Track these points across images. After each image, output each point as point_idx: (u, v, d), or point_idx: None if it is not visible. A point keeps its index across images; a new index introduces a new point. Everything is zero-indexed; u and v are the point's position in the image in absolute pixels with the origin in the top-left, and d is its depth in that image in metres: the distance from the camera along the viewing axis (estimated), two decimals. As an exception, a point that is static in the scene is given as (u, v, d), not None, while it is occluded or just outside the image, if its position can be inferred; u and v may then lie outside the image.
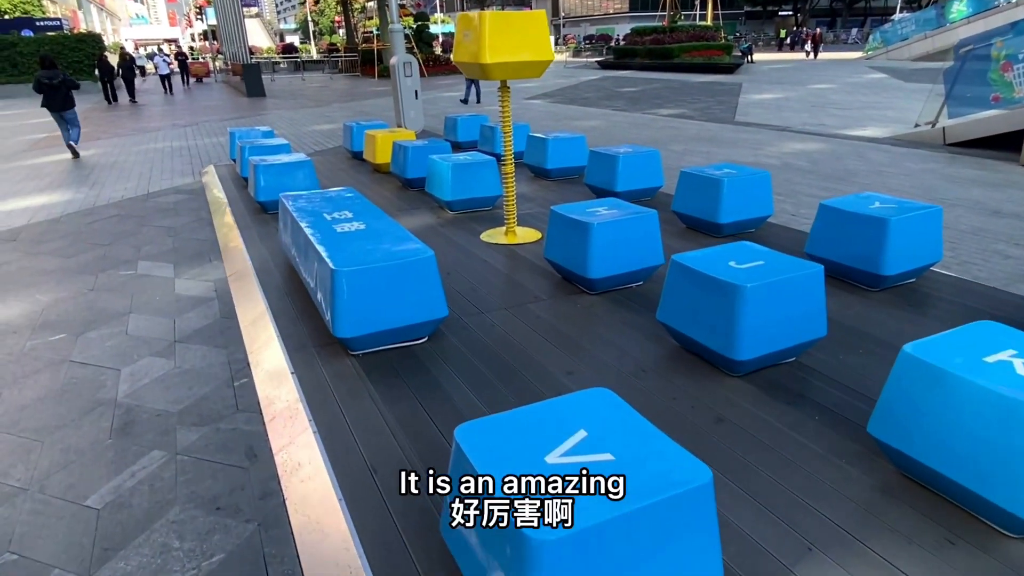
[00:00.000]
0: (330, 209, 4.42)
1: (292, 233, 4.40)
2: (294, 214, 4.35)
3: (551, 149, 7.57)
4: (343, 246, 3.59)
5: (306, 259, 3.96)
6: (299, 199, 4.77)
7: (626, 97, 19.78)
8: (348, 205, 4.55)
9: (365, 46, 36.51)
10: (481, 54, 4.69)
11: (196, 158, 10.58)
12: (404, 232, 3.83)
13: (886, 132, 11.43)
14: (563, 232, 4.29)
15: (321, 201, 4.69)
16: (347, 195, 4.88)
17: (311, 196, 4.86)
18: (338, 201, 4.68)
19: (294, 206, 4.56)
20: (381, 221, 4.09)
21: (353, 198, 4.76)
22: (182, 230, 6.34)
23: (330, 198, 4.78)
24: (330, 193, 4.94)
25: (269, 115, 17.14)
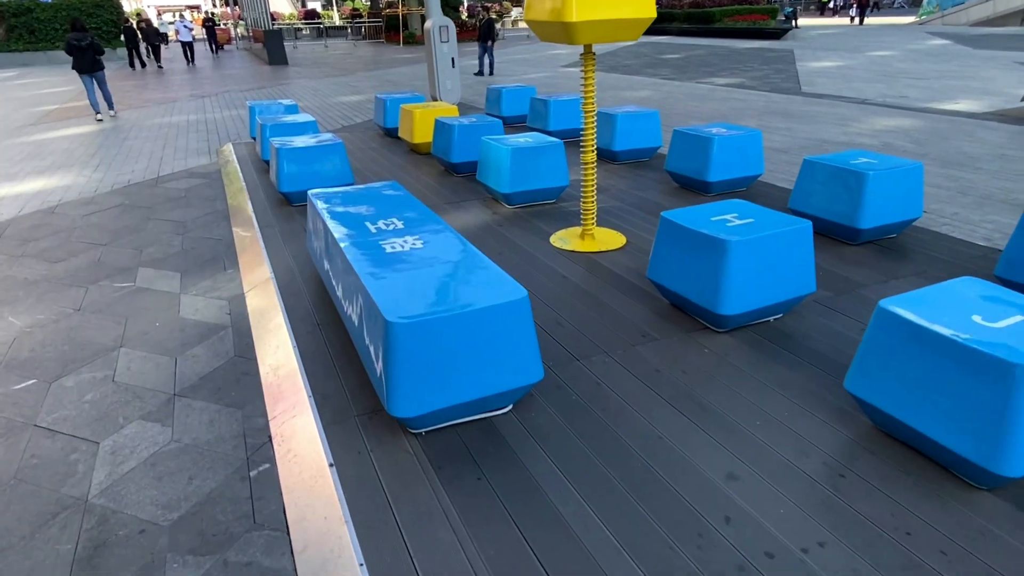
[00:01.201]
0: (373, 215, 3.43)
1: (325, 246, 3.42)
2: (327, 222, 3.35)
3: (620, 127, 6.46)
4: (396, 277, 2.59)
5: (345, 287, 2.98)
6: (332, 199, 3.78)
7: (671, 65, 18.37)
8: (395, 209, 3.54)
9: (389, 11, 35.11)
10: (565, 10, 3.61)
11: (214, 134, 9.61)
12: (477, 255, 2.82)
13: (982, 106, 10.07)
14: (680, 248, 3.24)
15: (360, 203, 3.69)
16: (392, 193, 3.87)
17: (347, 195, 3.85)
18: (381, 202, 3.68)
19: (327, 210, 3.56)
20: (442, 236, 3.08)
21: (401, 199, 3.75)
22: (193, 226, 5.40)
23: (371, 198, 3.77)
24: (370, 191, 3.93)
25: (292, 85, 16.09)
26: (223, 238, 5.05)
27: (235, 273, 4.34)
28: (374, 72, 18.91)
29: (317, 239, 3.67)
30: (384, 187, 4.01)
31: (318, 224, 3.58)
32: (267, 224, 5.05)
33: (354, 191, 3.94)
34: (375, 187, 4.03)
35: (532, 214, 5.14)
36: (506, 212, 5.22)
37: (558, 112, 7.66)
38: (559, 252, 4.36)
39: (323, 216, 3.46)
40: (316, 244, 3.73)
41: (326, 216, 3.44)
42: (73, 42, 10.57)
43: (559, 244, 4.48)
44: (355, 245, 2.99)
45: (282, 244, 4.61)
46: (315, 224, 3.69)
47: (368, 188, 4.01)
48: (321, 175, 5.40)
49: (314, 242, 3.79)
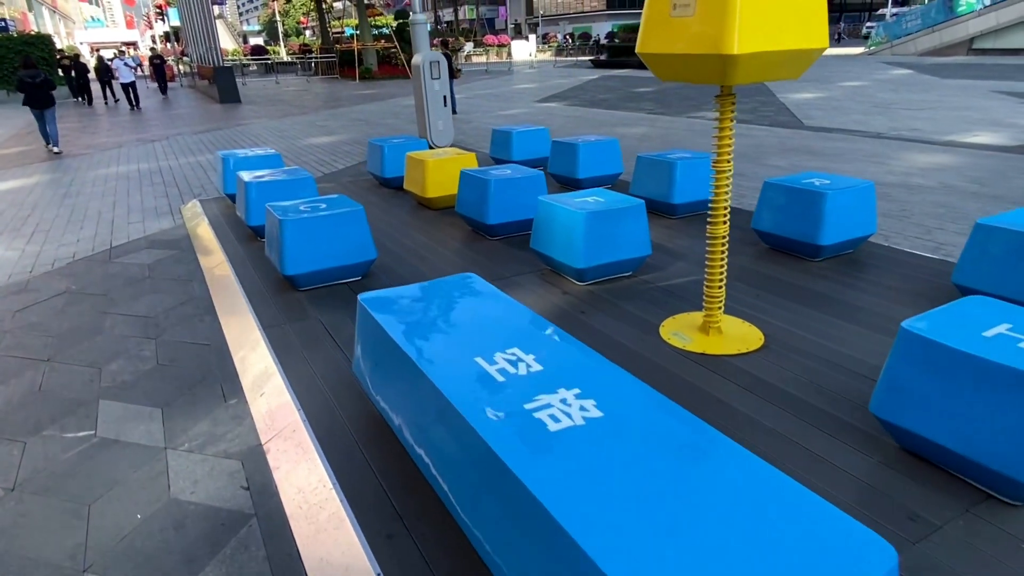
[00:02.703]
0: (482, 342, 2.27)
1: (413, 395, 2.24)
2: (416, 361, 2.18)
3: (679, 176, 5.47)
4: (604, 498, 1.45)
5: (481, 483, 1.80)
6: (401, 310, 2.60)
7: (649, 98, 17.80)
8: (506, 327, 2.40)
9: (344, 47, 34.06)
10: (724, 39, 2.58)
11: (172, 187, 8.24)
12: (728, 444, 1.68)
13: (1004, 139, 9.57)
14: (960, 386, 2.19)
15: (445, 315, 2.53)
16: (483, 297, 2.72)
17: (419, 302, 2.69)
18: (478, 314, 2.52)
19: (403, 334, 2.39)
20: (625, 388, 1.94)
21: (505, 307, 2.59)
22: (167, 323, 4.10)
23: (458, 306, 2.61)
24: (449, 292, 2.77)
25: (251, 125, 14.74)
26: (211, 342, 3.77)
27: (241, 406, 3.08)
28: (338, 110, 17.72)
29: (385, 373, 2.47)
30: (464, 284, 2.85)
31: (389, 354, 2.40)
32: (271, 321, 3.80)
33: (424, 293, 2.76)
34: (450, 283, 2.86)
35: (613, 293, 4.05)
36: (578, 291, 4.11)
37: (589, 158, 6.66)
38: (680, 354, 3.27)
39: (403, 348, 2.27)
40: (380, 378, 2.53)
41: (408, 349, 2.26)
42: (27, 79, 11.05)
43: (677, 342, 3.39)
44: (485, 413, 1.82)
45: (301, 353, 3.38)
46: (380, 350, 2.50)
47: (442, 285, 2.84)
48: (336, 250, 4.20)
49: (374, 373, 2.59)
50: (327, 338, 3.56)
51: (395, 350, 2.32)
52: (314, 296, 4.17)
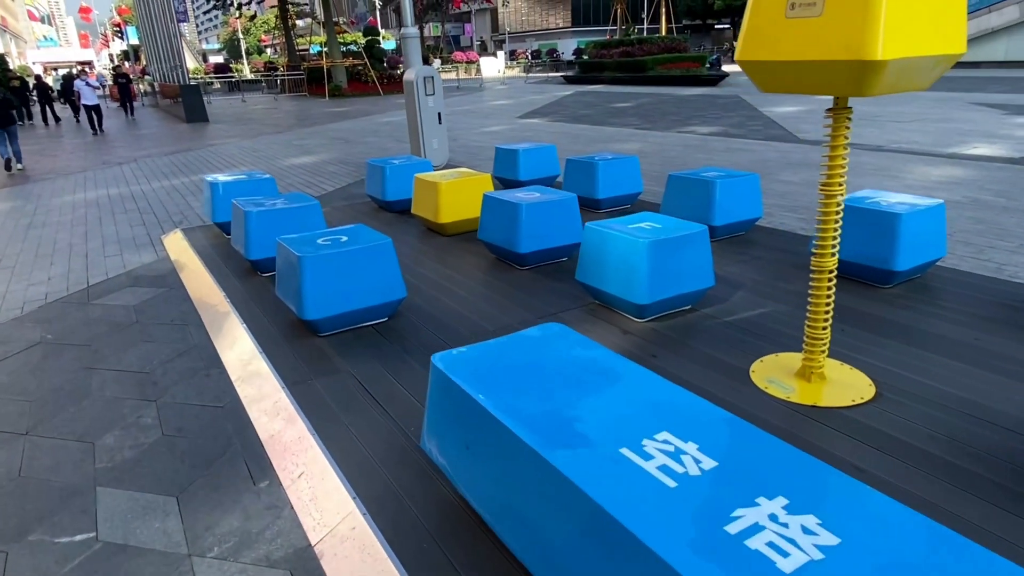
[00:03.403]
0: (619, 423, 1.79)
1: (529, 488, 1.74)
2: (543, 453, 1.68)
3: (720, 196, 5.08)
4: None
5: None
6: (482, 371, 2.11)
7: (631, 113, 17.61)
8: (637, 398, 1.92)
9: (312, 64, 33.40)
10: (866, 43, 2.17)
11: (148, 214, 7.57)
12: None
13: (1006, 151, 9.49)
14: None
15: (554, 385, 2.03)
16: (587, 356, 2.23)
17: (502, 360, 2.19)
18: (592, 379, 2.04)
19: (500, 407, 1.89)
20: (846, 500, 1.47)
21: (620, 369, 2.11)
22: (167, 380, 3.51)
23: (564, 369, 2.12)
24: (545, 348, 2.28)
25: (225, 145, 14.03)
26: (224, 403, 3.20)
27: (275, 490, 2.53)
28: (312, 128, 17.10)
29: (487, 461, 1.95)
30: (553, 337, 2.36)
31: (492, 437, 1.89)
32: (295, 376, 3.25)
33: (511, 351, 2.26)
34: (536, 337, 2.37)
35: (679, 331, 3.60)
36: (640, 329, 3.66)
37: (608, 177, 6.25)
38: (786, 407, 2.82)
39: (517, 433, 1.77)
40: (476, 466, 2.02)
41: (526, 435, 1.76)
42: None
43: (778, 391, 2.94)
44: (678, 542, 1.34)
45: (339, 418, 2.84)
46: (476, 430, 1.98)
47: (527, 340, 2.35)
48: (363, 290, 3.67)
49: (464, 458, 2.08)
50: (365, 397, 3.03)
51: (502, 434, 1.82)
52: (338, 343, 3.63)
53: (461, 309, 4.09)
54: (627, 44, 33.74)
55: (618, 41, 35.41)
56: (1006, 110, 14.58)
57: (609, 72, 32.08)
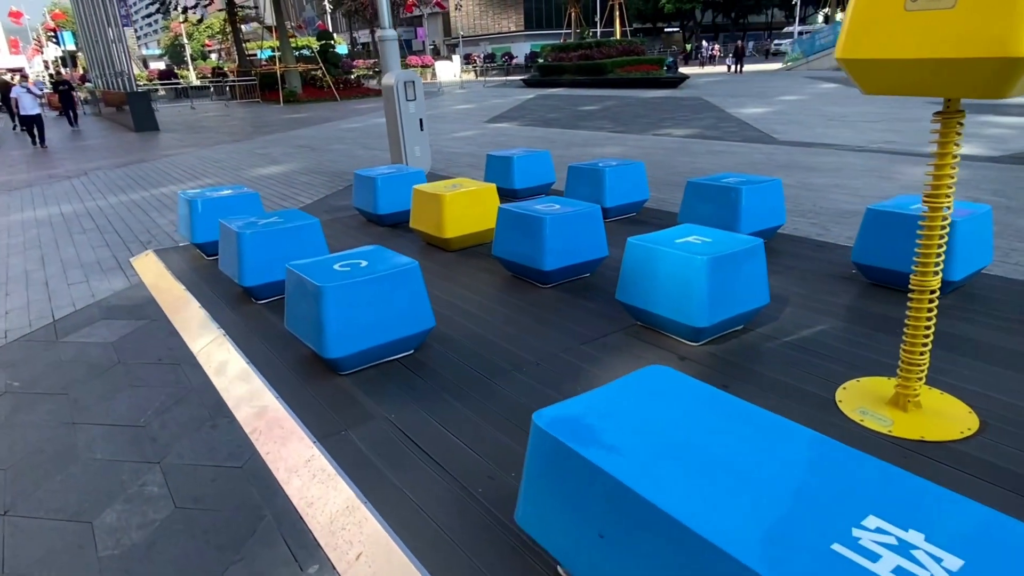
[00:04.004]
0: (806, 507, 1.44)
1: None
2: (733, 553, 1.32)
3: (746, 204, 4.83)
4: None
5: None
6: (602, 435, 1.75)
7: (599, 116, 17.46)
8: (811, 467, 1.58)
9: (264, 69, 32.37)
10: (1014, 37, 1.90)
11: (109, 232, 6.93)
12: None
13: (986, 150, 9.60)
14: None
15: (694, 443, 1.68)
16: (705, 402, 1.90)
17: (619, 418, 1.84)
18: (736, 440, 1.70)
19: (647, 486, 1.53)
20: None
21: (770, 426, 1.78)
22: (167, 435, 3.03)
23: (694, 425, 1.78)
24: (658, 400, 1.93)
25: (183, 156, 13.26)
26: (245, 462, 2.75)
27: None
28: (273, 136, 16.39)
29: (638, 557, 1.58)
30: (664, 384, 2.01)
31: (643, 528, 1.52)
32: (324, 426, 2.82)
33: (623, 406, 1.90)
34: (644, 385, 2.02)
35: (740, 355, 3.31)
36: (697, 354, 3.34)
37: (616, 184, 5.95)
38: (890, 442, 2.54)
39: (689, 526, 1.41)
40: (618, 559, 1.65)
41: (700, 528, 1.40)
42: None
43: (875, 424, 2.66)
44: None
45: (389, 478, 2.44)
46: (616, 515, 1.61)
47: (636, 390, 1.99)
48: (390, 321, 3.25)
49: (598, 548, 1.70)
50: (413, 448, 2.62)
51: (662, 525, 1.46)
52: (363, 382, 3.20)
53: (489, 335, 3.71)
54: (586, 47, 33.77)
55: (576, 44, 35.43)
56: (967, 109, 14.90)
57: (569, 75, 32.03)
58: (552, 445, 1.78)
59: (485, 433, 2.71)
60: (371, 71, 42.47)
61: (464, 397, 3.02)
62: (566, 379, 3.15)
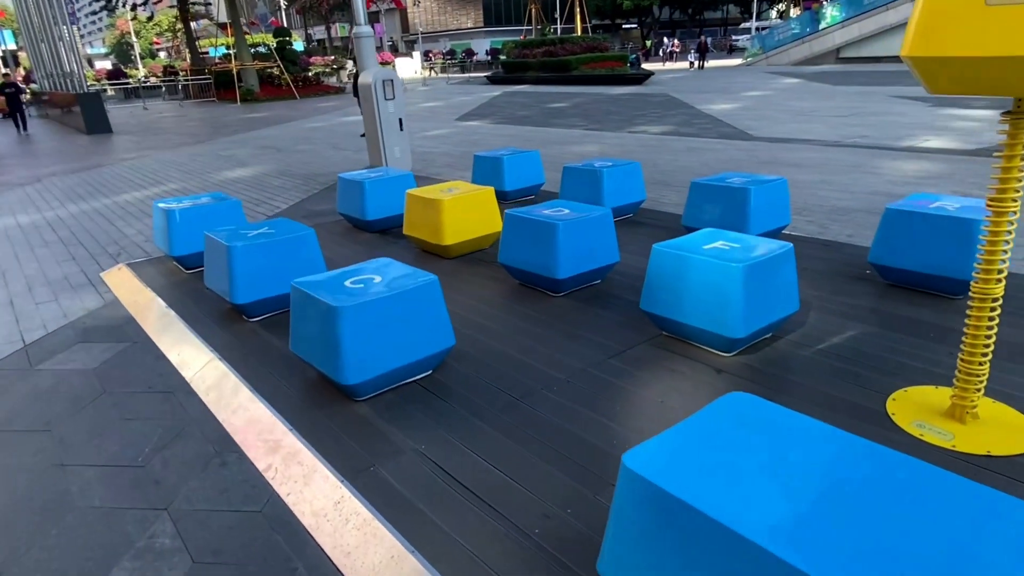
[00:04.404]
0: (958, 562, 1.28)
1: None
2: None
3: (754, 204, 4.72)
4: None
5: None
6: (705, 478, 1.56)
7: (570, 114, 17.35)
8: (939, 508, 1.42)
9: (219, 67, 31.39)
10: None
11: (74, 245, 6.49)
12: None
13: (957, 144, 9.77)
14: None
15: (810, 484, 1.51)
16: (800, 433, 1.73)
17: (714, 456, 1.66)
18: (854, 478, 1.54)
19: (779, 544, 1.35)
20: None
21: (882, 460, 1.61)
22: (171, 473, 2.75)
23: (806, 461, 1.61)
24: (751, 432, 1.75)
25: (141, 159, 12.65)
26: (264, 505, 2.49)
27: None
28: (235, 137, 15.83)
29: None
30: (749, 413, 1.84)
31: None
32: (351, 462, 2.58)
33: (716, 442, 1.73)
34: (730, 415, 1.84)
35: (777, 365, 3.18)
36: (733, 366, 3.20)
37: (613, 186, 5.80)
38: (957, 458, 2.43)
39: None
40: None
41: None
42: None
43: (935, 438, 2.55)
44: None
45: (441, 527, 2.22)
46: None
47: (723, 421, 1.81)
48: (410, 342, 3.02)
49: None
50: (454, 485, 2.40)
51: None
52: (384, 408, 2.96)
53: (508, 349, 3.50)
54: (549, 44, 33.67)
55: (540, 41, 35.31)
56: (928, 102, 15.27)
57: (533, 72, 31.88)
58: (649, 492, 1.59)
59: (529, 463, 2.51)
60: (329, 68, 41.64)
61: (496, 422, 2.82)
62: (601, 397, 2.97)
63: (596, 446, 2.61)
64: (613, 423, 2.76)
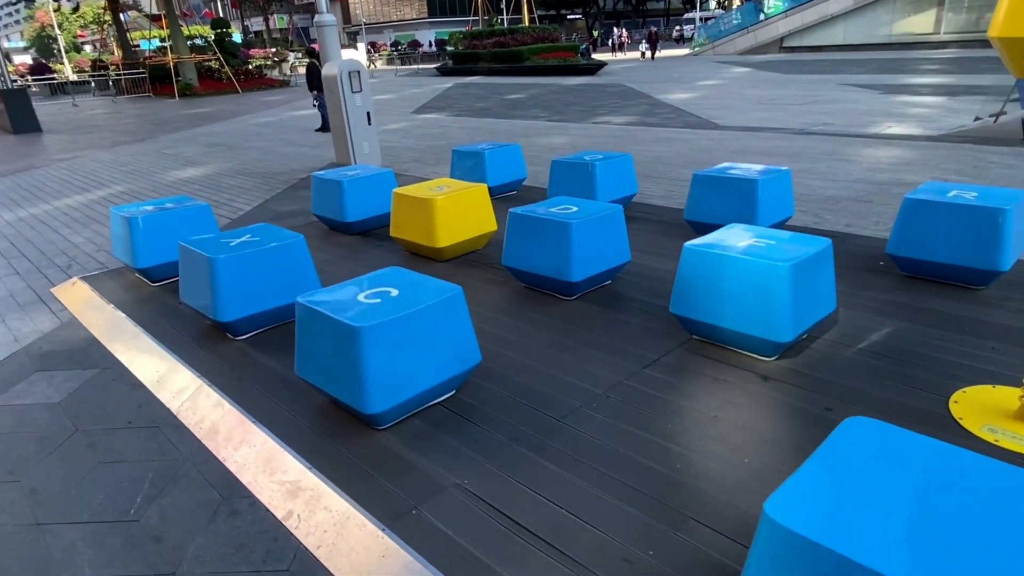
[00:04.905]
0: None
1: None
2: None
3: (762, 197, 4.56)
4: None
5: None
6: (890, 541, 1.33)
7: (530, 105, 17.10)
8: None
9: (154, 61, 29.84)
10: None
11: (16, 257, 5.87)
12: None
13: (919, 130, 9.94)
14: None
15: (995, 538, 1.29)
16: (948, 466, 1.52)
17: (883, 505, 1.43)
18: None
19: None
20: None
21: None
22: (174, 529, 2.38)
23: (957, 506, 1.39)
24: (894, 469, 1.53)
25: (78, 159, 11.77)
26: (291, 563, 2.15)
27: None
28: (180, 134, 14.97)
29: None
30: (881, 442, 1.62)
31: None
32: (390, 504, 2.27)
33: (855, 470, 1.50)
34: (862, 445, 1.62)
35: (821, 369, 3.00)
36: (777, 371, 3.01)
37: (606, 179, 5.57)
38: (1038, 465, 2.29)
39: None
40: None
41: None
42: None
43: (1010, 444, 2.41)
44: None
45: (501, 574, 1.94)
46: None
47: (857, 451, 1.59)
48: (434, 362, 2.72)
49: None
50: (511, 527, 2.12)
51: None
52: (410, 437, 2.65)
53: (532, 362, 3.23)
54: (499, 34, 33.27)
55: (489, 31, 34.86)
56: (878, 90, 15.63)
57: (484, 63, 31.46)
58: (805, 549, 1.35)
59: (589, 495, 2.25)
60: (271, 60, 40.20)
61: (540, 447, 2.54)
62: (647, 414, 2.73)
63: (659, 471, 2.36)
64: (670, 443, 2.53)
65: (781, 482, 2.25)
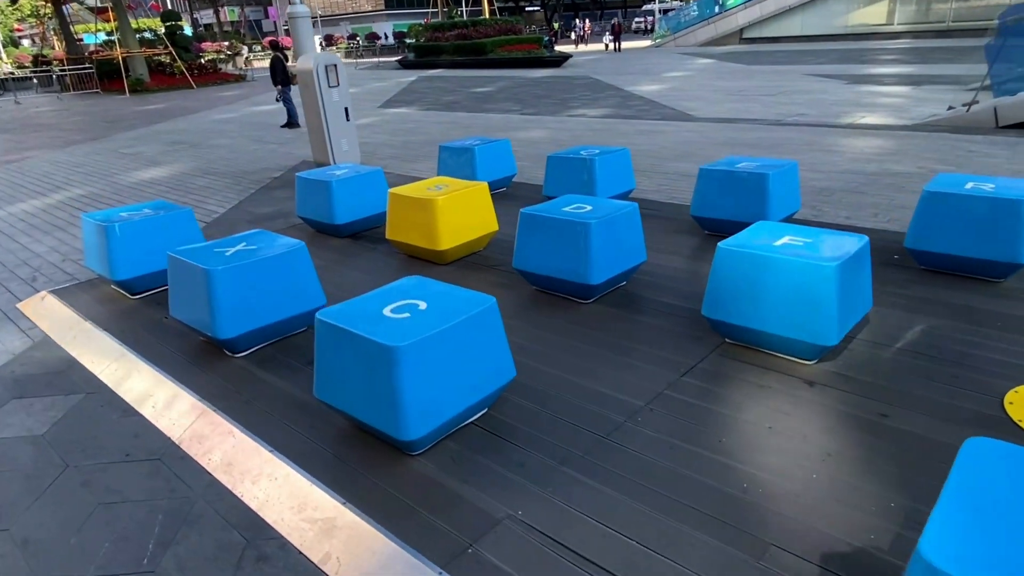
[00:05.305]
0: None
1: None
2: None
3: (773, 191, 4.45)
4: None
5: None
6: None
7: (500, 98, 16.86)
8: None
9: (102, 55, 28.55)
10: None
11: (-29, 269, 5.42)
12: None
13: (895, 120, 10.07)
14: None
15: None
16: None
17: None
18: None
19: None
20: None
21: None
22: (196, 573, 2.12)
23: None
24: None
25: (28, 160, 11.10)
26: (332, 612, 1.93)
27: None
28: (136, 132, 14.30)
29: None
30: (1006, 466, 1.49)
31: None
32: (444, 544, 2.07)
33: (998, 505, 1.36)
34: (997, 475, 1.48)
35: (866, 372, 2.90)
36: (824, 377, 2.89)
37: (605, 175, 5.41)
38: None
39: None
40: None
41: None
42: None
43: (1082, 448, 2.32)
44: None
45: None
46: None
47: (992, 482, 1.45)
48: (472, 379, 2.51)
49: None
50: (580, 563, 1.95)
51: None
52: (449, 462, 2.44)
53: (562, 372, 3.05)
54: (462, 27, 32.84)
55: (451, 23, 34.39)
56: (843, 79, 15.87)
57: (447, 55, 31.02)
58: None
59: (656, 523, 2.09)
60: (224, 54, 38.94)
61: (590, 469, 2.37)
62: (697, 427, 2.58)
63: (725, 493, 2.21)
64: (729, 459, 2.38)
65: (859, 500, 2.14)
